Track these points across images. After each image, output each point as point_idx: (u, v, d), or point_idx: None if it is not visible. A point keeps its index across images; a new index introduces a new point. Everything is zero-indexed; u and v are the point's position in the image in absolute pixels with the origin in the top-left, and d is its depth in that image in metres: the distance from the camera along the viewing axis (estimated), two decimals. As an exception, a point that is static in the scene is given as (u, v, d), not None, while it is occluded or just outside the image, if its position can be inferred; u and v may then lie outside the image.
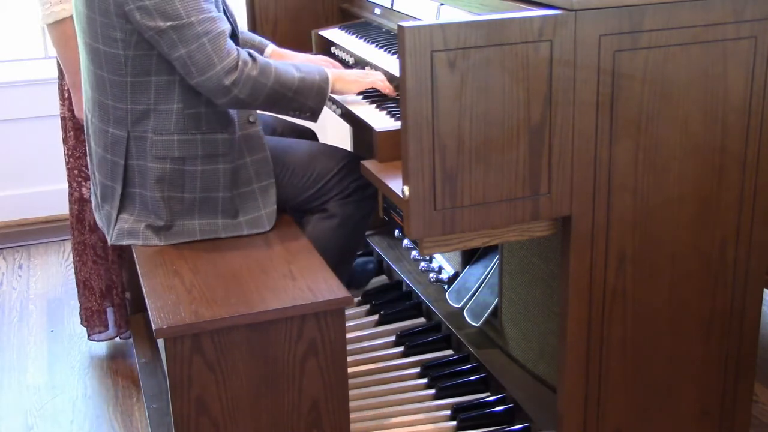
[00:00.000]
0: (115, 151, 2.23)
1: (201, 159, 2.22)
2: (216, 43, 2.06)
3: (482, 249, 2.78)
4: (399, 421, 2.45)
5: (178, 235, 2.27)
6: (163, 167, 2.20)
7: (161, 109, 2.18)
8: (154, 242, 2.26)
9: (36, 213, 4.06)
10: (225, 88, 2.09)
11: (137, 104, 2.18)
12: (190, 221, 2.27)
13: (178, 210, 2.25)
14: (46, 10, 2.63)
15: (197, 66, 2.06)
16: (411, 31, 1.65)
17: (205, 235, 2.28)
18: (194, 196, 2.25)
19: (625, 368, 2.05)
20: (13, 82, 3.96)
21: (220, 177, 2.25)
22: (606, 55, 1.80)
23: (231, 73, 2.08)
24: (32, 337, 3.19)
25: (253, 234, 2.30)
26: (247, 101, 2.14)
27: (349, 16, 3.06)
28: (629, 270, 1.97)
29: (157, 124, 2.18)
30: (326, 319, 2.00)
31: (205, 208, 2.26)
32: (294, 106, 2.22)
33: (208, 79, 2.07)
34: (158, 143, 2.19)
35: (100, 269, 2.93)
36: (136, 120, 2.19)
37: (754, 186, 2.01)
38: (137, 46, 2.12)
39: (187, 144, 2.20)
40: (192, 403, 1.95)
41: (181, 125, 2.19)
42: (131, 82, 2.16)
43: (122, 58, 2.13)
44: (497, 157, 1.78)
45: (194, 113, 2.19)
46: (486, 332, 2.69)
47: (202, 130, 2.21)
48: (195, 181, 2.23)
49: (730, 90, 1.92)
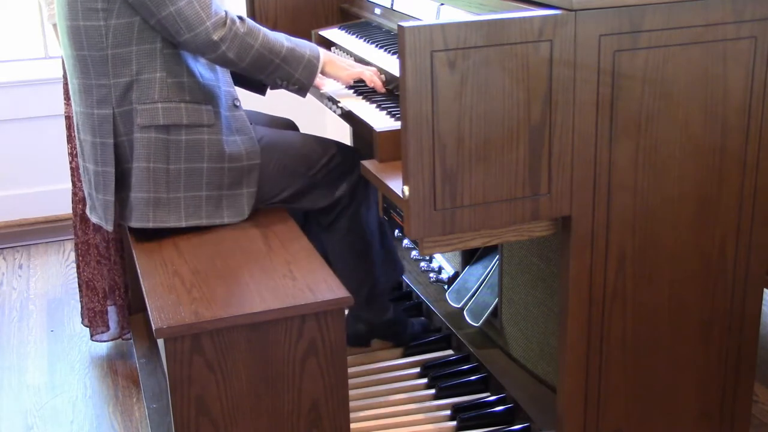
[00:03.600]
0: (103, 132, 2.24)
1: (185, 128, 2.23)
2: (203, 1, 2.13)
3: (482, 249, 2.78)
4: (399, 421, 2.45)
5: (166, 219, 2.26)
6: (149, 137, 2.21)
7: (144, 78, 2.20)
8: (144, 222, 2.25)
9: (36, 213, 4.06)
10: (213, 44, 2.14)
11: (120, 77, 2.20)
12: (175, 199, 2.26)
13: (164, 182, 2.25)
14: (51, 10, 2.63)
15: (186, 22, 2.11)
16: (411, 31, 1.65)
17: (189, 221, 2.27)
18: (179, 167, 2.25)
19: (625, 368, 2.05)
20: (13, 82, 3.96)
21: (205, 146, 2.25)
22: (606, 55, 1.80)
23: (219, 29, 2.14)
24: (32, 337, 3.19)
25: (234, 223, 2.32)
26: (234, 60, 2.19)
27: (349, 16, 3.06)
28: (629, 270, 1.97)
29: (140, 94, 2.20)
30: (326, 319, 2.00)
31: (190, 182, 2.26)
32: (281, 75, 2.26)
33: (197, 36, 2.13)
34: (143, 112, 2.20)
35: (103, 269, 2.93)
36: (120, 95, 2.21)
37: (754, 186, 2.01)
38: (119, 13, 2.15)
39: (172, 112, 2.22)
40: (192, 403, 1.95)
41: (165, 93, 2.21)
42: (112, 55, 2.18)
43: (103, 29, 2.16)
44: (497, 157, 1.78)
45: (177, 82, 2.22)
46: (486, 332, 2.69)
47: (185, 100, 2.23)
48: (180, 151, 2.24)
49: (730, 90, 1.92)
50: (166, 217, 2.27)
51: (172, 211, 2.27)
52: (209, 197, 2.29)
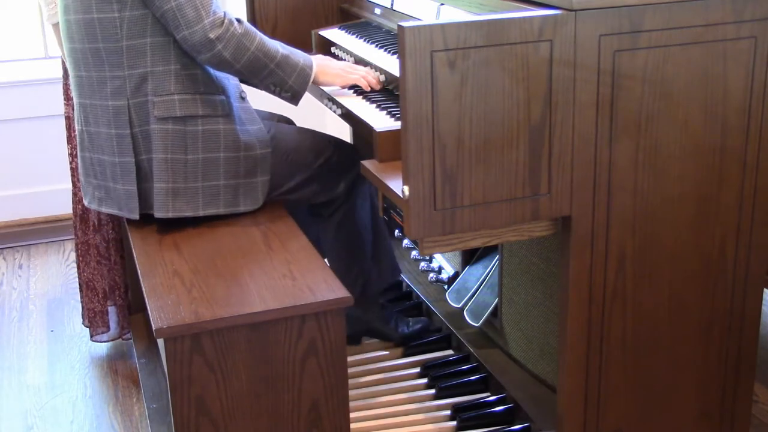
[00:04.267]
0: (119, 123, 2.27)
1: (201, 119, 2.27)
2: (204, 0, 2.16)
3: (482, 249, 2.78)
4: (399, 421, 2.45)
5: (183, 208, 2.29)
6: (166, 128, 2.24)
7: (158, 71, 2.23)
8: (163, 212, 2.28)
9: (36, 213, 4.06)
10: (210, 42, 2.16)
11: (134, 68, 2.23)
12: (194, 188, 2.29)
13: (183, 172, 2.28)
14: (51, 10, 2.63)
15: (185, 18, 2.14)
16: (411, 31, 1.65)
17: (207, 207, 2.30)
18: (197, 157, 2.28)
19: (625, 368, 2.05)
20: (13, 82, 3.96)
21: (222, 136, 2.29)
22: (606, 55, 1.80)
23: (216, 28, 2.17)
24: (32, 337, 3.19)
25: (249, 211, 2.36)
26: (229, 60, 2.21)
27: (349, 16, 3.06)
28: (629, 270, 1.97)
29: (156, 86, 2.23)
30: (326, 319, 2.00)
31: (208, 171, 2.29)
32: (274, 80, 2.29)
33: (194, 33, 2.15)
34: (159, 104, 2.23)
35: (104, 269, 2.93)
36: (135, 87, 2.24)
37: (754, 186, 2.01)
38: (132, 5, 2.18)
39: (188, 104, 2.25)
40: (192, 403, 1.95)
41: (180, 86, 2.24)
42: (127, 47, 2.21)
43: (117, 21, 2.19)
44: (497, 157, 1.78)
45: (191, 74, 2.25)
46: (486, 332, 2.69)
47: (200, 91, 2.27)
48: (197, 141, 2.27)
49: (730, 90, 1.92)
50: (185, 207, 2.30)
51: (190, 200, 2.30)
52: (227, 186, 2.32)
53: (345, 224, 2.57)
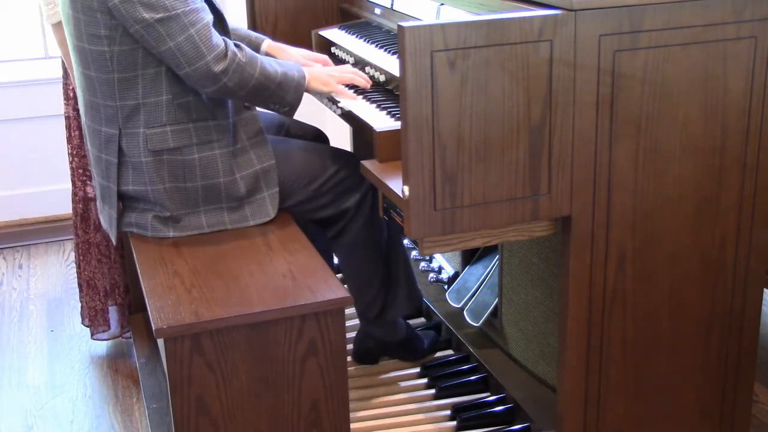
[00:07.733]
0: (109, 150, 2.24)
1: (197, 147, 2.23)
2: (202, 34, 2.09)
3: (482, 249, 2.78)
4: (399, 421, 2.45)
5: (187, 228, 2.28)
6: (161, 159, 2.21)
7: (150, 102, 2.19)
8: (164, 233, 2.27)
9: (36, 213, 4.06)
10: (215, 76, 2.11)
11: (126, 100, 2.18)
12: (195, 212, 2.27)
13: (182, 200, 2.26)
14: (50, 10, 2.63)
15: (186, 57, 2.09)
16: (411, 31, 1.65)
17: (212, 228, 2.29)
18: (196, 185, 2.25)
19: (625, 368, 2.05)
20: (13, 82, 3.96)
21: (219, 162, 2.25)
22: (606, 55, 1.80)
23: (221, 62, 2.11)
24: (32, 337, 3.19)
25: (259, 224, 2.31)
26: (234, 90, 2.17)
27: (349, 16, 3.06)
28: (629, 270, 1.97)
29: (148, 117, 2.19)
30: (326, 319, 2.00)
31: (209, 197, 2.27)
32: (275, 100, 2.26)
33: (197, 69, 2.10)
34: (152, 137, 2.20)
35: (104, 268, 2.94)
36: (127, 116, 2.20)
37: (754, 186, 2.01)
38: (122, 41, 2.12)
39: (181, 134, 2.21)
40: (192, 403, 1.95)
41: (173, 116, 2.20)
42: (118, 79, 2.17)
43: (107, 55, 2.14)
44: (497, 157, 1.78)
45: (184, 102, 2.21)
46: (486, 332, 2.69)
47: (193, 119, 2.22)
48: (194, 169, 2.24)
49: (730, 90, 1.92)
50: (188, 228, 2.29)
51: (194, 222, 2.28)
52: (230, 207, 2.30)
53: (357, 246, 2.50)
